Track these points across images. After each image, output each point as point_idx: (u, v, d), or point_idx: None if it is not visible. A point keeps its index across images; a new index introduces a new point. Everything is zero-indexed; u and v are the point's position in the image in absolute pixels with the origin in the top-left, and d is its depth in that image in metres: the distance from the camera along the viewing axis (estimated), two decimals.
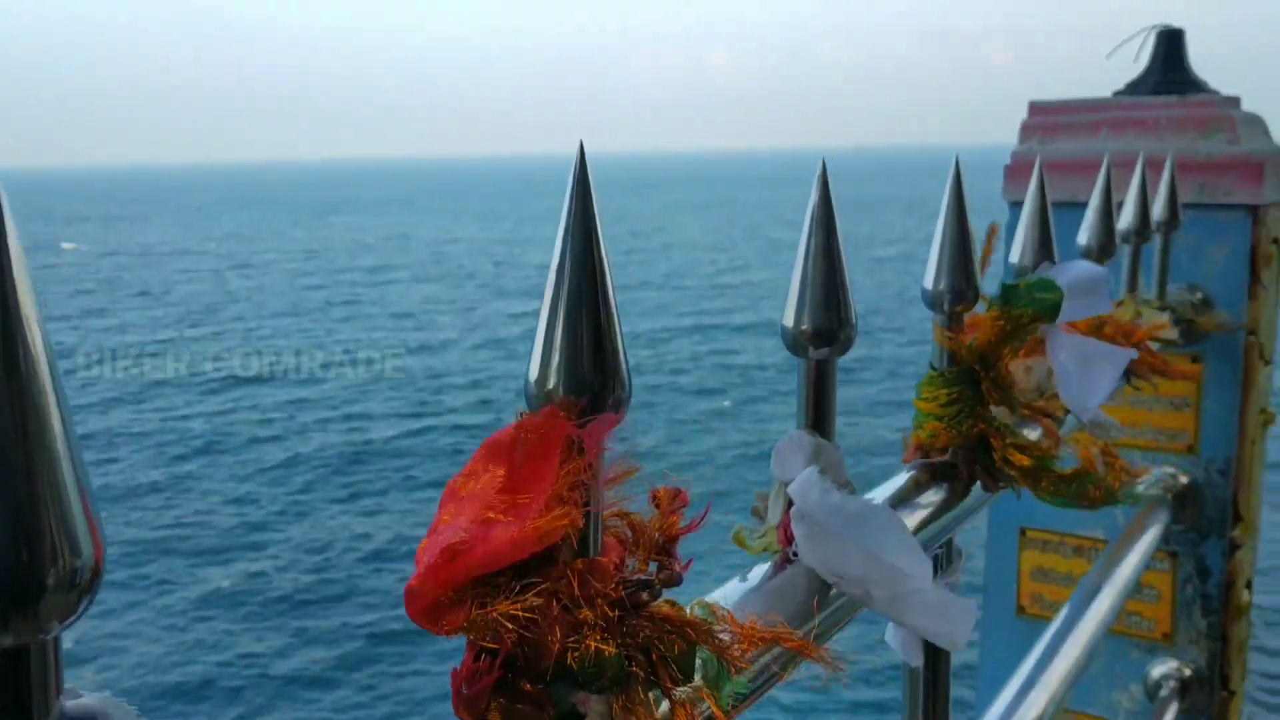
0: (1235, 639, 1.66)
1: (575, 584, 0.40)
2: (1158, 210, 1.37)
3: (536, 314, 0.42)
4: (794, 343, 0.59)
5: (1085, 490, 0.76)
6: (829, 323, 0.58)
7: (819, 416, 0.60)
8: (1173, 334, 1.23)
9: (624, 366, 0.41)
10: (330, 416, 15.80)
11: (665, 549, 0.45)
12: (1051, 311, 0.76)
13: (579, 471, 0.38)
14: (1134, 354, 0.88)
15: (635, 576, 0.43)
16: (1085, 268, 0.85)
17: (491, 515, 0.38)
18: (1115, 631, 1.70)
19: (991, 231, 0.73)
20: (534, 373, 0.41)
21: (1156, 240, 1.41)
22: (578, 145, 0.40)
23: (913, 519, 0.71)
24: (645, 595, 0.42)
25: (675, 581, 0.44)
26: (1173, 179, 1.37)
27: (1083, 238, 1.08)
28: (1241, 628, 1.68)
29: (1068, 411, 0.90)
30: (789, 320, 0.59)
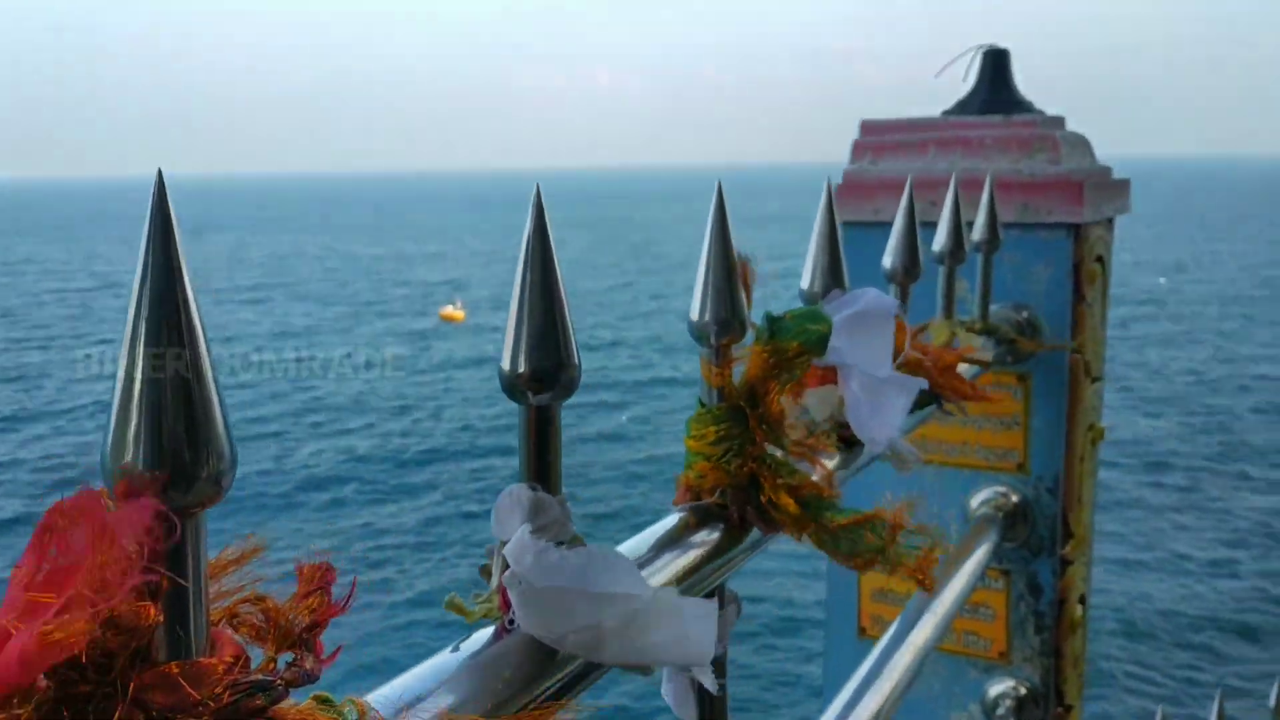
0: (1070, 654, 1.67)
1: (158, 693, 0.34)
2: (977, 231, 1.37)
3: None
4: (511, 387, 0.54)
5: (858, 545, 0.72)
6: (548, 364, 0.53)
7: (540, 467, 0.55)
8: (986, 355, 1.22)
9: (223, 435, 0.35)
10: None
11: (303, 639, 0.39)
12: (819, 344, 0.72)
13: (109, 565, 0.32)
14: (923, 383, 0.85)
15: (252, 678, 0.37)
16: (873, 296, 0.82)
17: (5, 621, 0.31)
18: (953, 651, 1.70)
19: (744, 267, 0.69)
20: (109, 443, 0.34)
21: (979, 261, 1.40)
22: (156, 174, 0.34)
23: (679, 563, 0.67)
24: (260, 700, 0.36)
25: (307, 679, 0.38)
26: (992, 199, 1.36)
27: (887, 261, 1.06)
28: (1075, 643, 1.69)
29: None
30: (505, 363, 0.53)
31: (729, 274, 0.69)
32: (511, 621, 0.52)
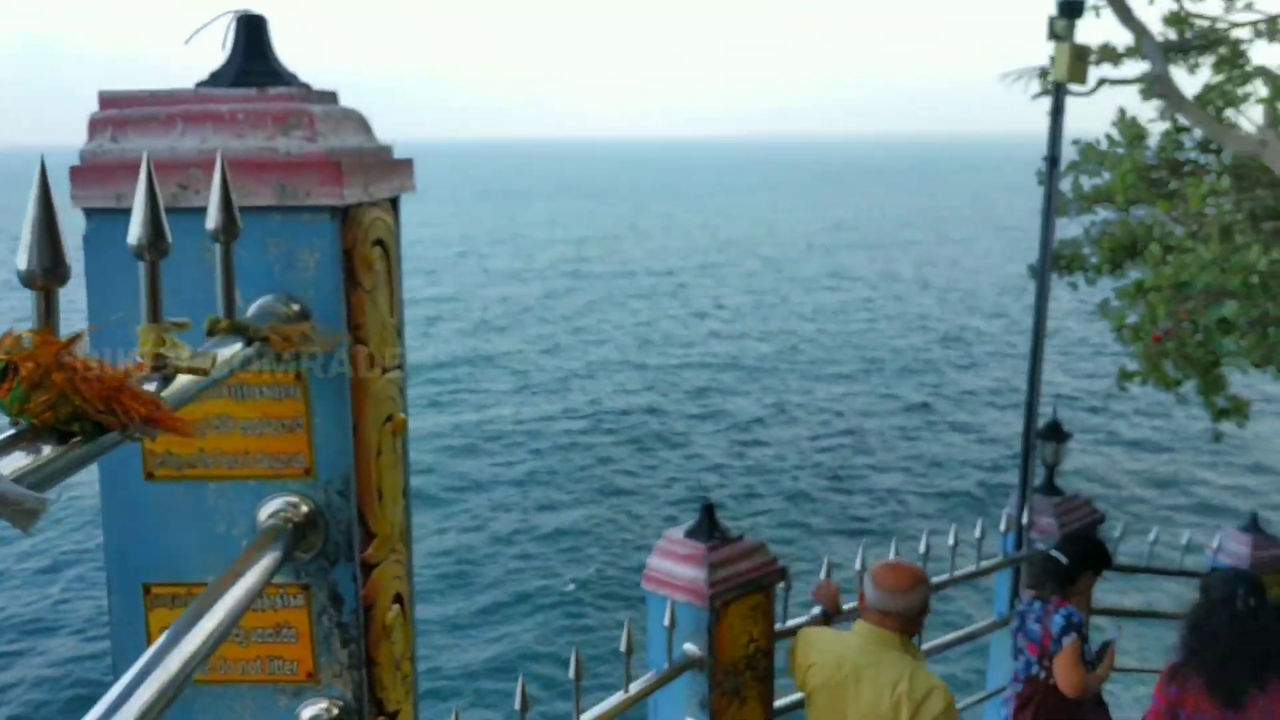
0: (387, 661, 1.59)
1: None
2: (211, 218, 1.20)
3: None
4: None
5: None
6: None
7: None
8: (204, 363, 1.06)
9: None
10: None
11: None
12: None
13: None
14: None
15: None
16: None
17: None
18: (258, 681, 1.54)
19: None
20: None
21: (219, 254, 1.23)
22: None
23: None
24: None
25: None
26: (224, 180, 1.20)
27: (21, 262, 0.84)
28: (395, 647, 1.61)
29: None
30: None
31: None
32: None
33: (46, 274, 0.82)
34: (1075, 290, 10.23)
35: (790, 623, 4.09)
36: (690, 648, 3.58)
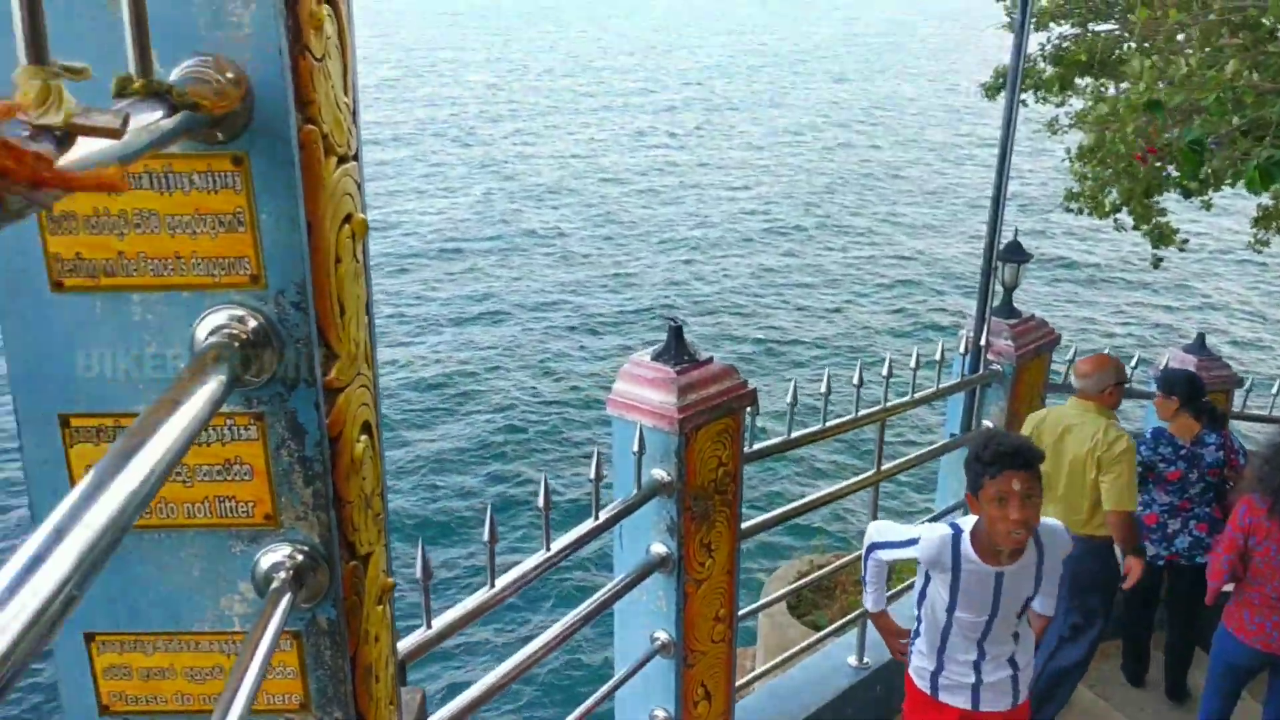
0: (357, 498, 1.38)
1: None
2: None
3: None
4: None
5: None
6: None
7: None
8: (114, 122, 0.79)
9: None
10: None
11: None
12: None
13: None
14: None
15: None
16: None
17: None
18: (210, 525, 1.32)
19: None
20: None
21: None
22: None
23: None
24: None
25: None
26: None
27: None
28: (364, 484, 1.40)
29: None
30: None
31: None
32: None
33: None
34: (1025, 107, 10.01)
35: (757, 445, 3.98)
36: (659, 472, 3.45)
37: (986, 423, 5.91)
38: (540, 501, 2.87)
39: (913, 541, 3.43)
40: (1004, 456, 3.11)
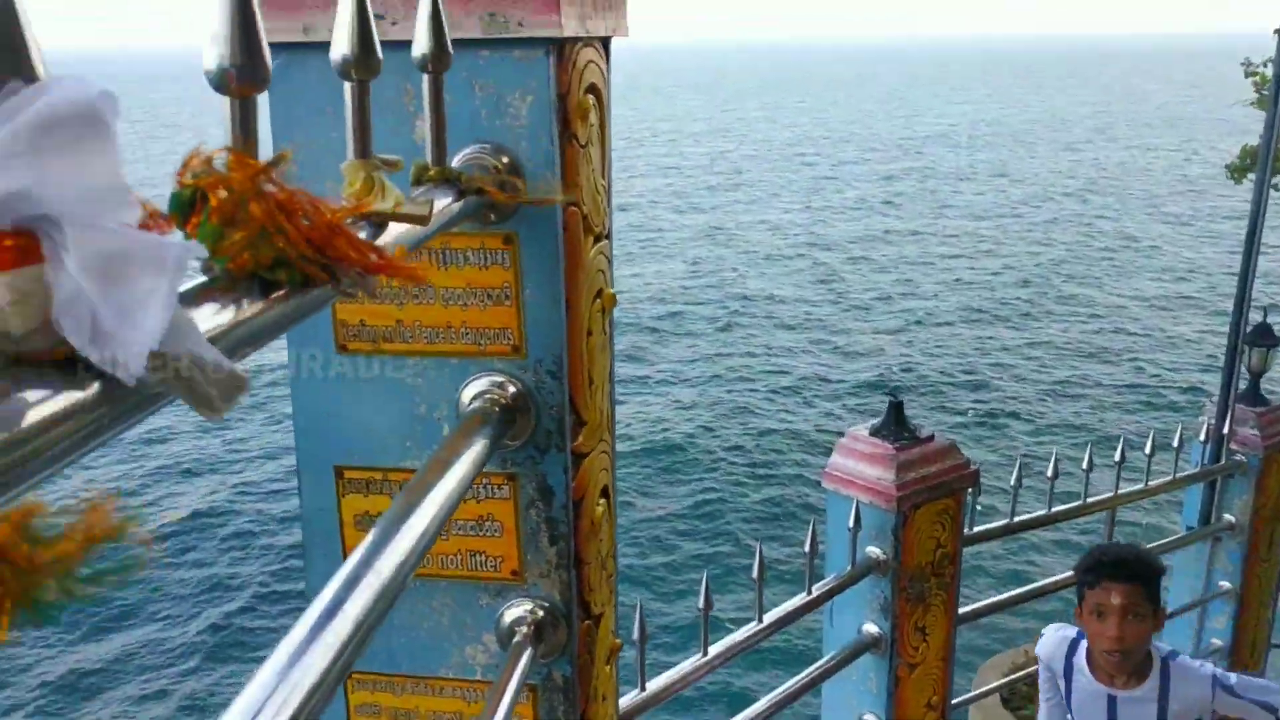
0: (595, 559, 1.44)
1: None
2: (418, 45, 1.01)
3: None
4: None
5: None
6: None
7: None
8: (421, 209, 0.88)
9: None
10: None
11: None
12: None
13: None
14: (186, 245, 0.49)
15: None
16: (68, 87, 0.44)
17: None
18: (460, 577, 1.41)
19: None
20: None
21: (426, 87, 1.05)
22: None
23: None
24: None
25: None
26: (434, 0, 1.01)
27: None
28: (600, 545, 1.45)
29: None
30: None
31: None
32: None
33: (243, 74, 0.63)
34: (1276, 192, 9.38)
35: (977, 528, 3.85)
36: (874, 551, 3.39)
37: (1228, 517, 5.51)
38: (755, 573, 2.87)
39: None
40: (1104, 566, 2.89)
